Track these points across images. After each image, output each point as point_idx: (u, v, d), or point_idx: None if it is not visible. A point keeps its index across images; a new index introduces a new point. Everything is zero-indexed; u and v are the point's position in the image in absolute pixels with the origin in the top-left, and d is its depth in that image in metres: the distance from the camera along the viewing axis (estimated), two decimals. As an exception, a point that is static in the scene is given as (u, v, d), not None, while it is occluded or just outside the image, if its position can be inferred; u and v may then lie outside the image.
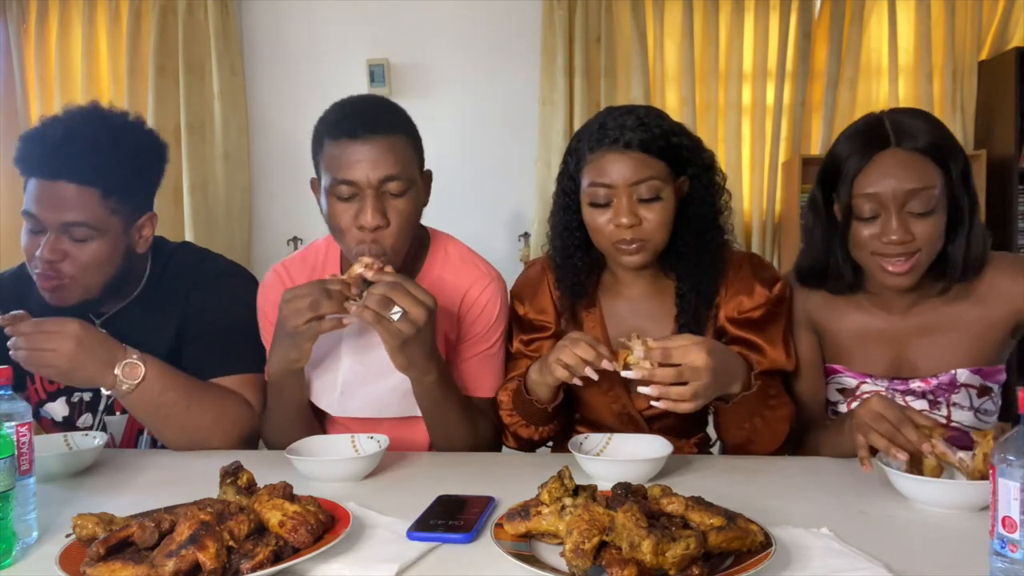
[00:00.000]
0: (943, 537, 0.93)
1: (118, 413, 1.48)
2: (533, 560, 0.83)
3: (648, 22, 3.66)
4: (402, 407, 1.40)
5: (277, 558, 0.83)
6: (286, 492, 0.92)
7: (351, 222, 1.28)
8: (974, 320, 1.32)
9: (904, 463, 1.06)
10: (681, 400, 1.13)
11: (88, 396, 1.49)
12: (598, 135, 1.29)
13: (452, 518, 0.96)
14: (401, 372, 1.27)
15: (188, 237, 3.71)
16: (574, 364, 1.18)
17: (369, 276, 1.22)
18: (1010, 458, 0.75)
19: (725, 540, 0.81)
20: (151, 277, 1.50)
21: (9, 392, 0.97)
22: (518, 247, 3.71)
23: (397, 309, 1.17)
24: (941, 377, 1.33)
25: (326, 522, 0.90)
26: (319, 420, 1.49)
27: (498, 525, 0.91)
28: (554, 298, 1.45)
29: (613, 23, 3.65)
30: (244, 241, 3.85)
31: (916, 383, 1.35)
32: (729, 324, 1.36)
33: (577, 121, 3.59)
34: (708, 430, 1.47)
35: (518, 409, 1.35)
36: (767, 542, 0.83)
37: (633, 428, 1.39)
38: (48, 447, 1.26)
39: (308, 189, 1.40)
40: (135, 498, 1.10)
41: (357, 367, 1.40)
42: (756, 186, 3.69)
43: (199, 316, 1.46)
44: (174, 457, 1.34)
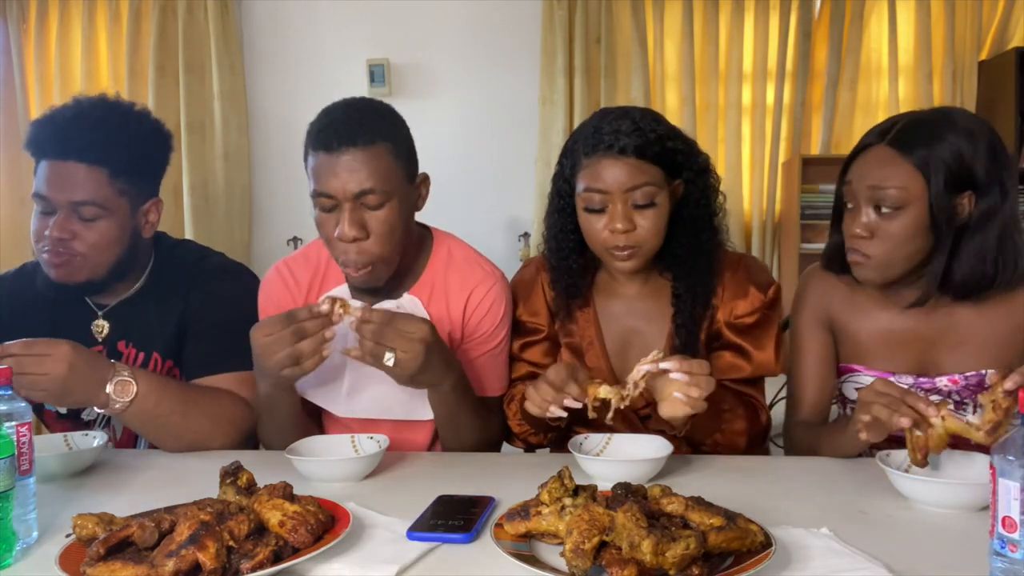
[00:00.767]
0: (943, 537, 0.93)
1: None
2: (533, 560, 0.83)
3: (648, 22, 3.65)
4: (407, 409, 1.40)
5: (277, 558, 0.83)
6: (286, 492, 0.92)
7: (332, 232, 1.28)
8: (1003, 323, 1.29)
9: (904, 456, 1.06)
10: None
11: None
12: (593, 139, 1.28)
13: (452, 518, 0.96)
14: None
15: (188, 237, 3.70)
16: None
17: (350, 327, 1.19)
18: (1010, 458, 0.76)
19: (725, 540, 0.81)
20: (153, 270, 1.51)
21: (9, 392, 0.97)
22: (518, 247, 3.71)
23: (389, 355, 1.16)
24: (969, 376, 1.30)
25: (326, 522, 0.90)
26: (317, 420, 1.49)
27: (498, 525, 0.91)
28: (548, 299, 1.45)
29: (613, 23, 3.64)
30: (244, 241, 3.84)
31: (942, 380, 1.31)
32: (726, 328, 1.37)
33: (577, 121, 3.58)
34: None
35: (527, 420, 1.35)
36: (767, 542, 0.83)
37: (629, 428, 1.39)
38: (48, 447, 1.25)
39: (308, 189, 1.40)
40: (135, 498, 1.10)
41: (363, 367, 1.39)
42: (756, 186, 3.69)
43: (200, 312, 1.47)
44: (174, 457, 1.34)
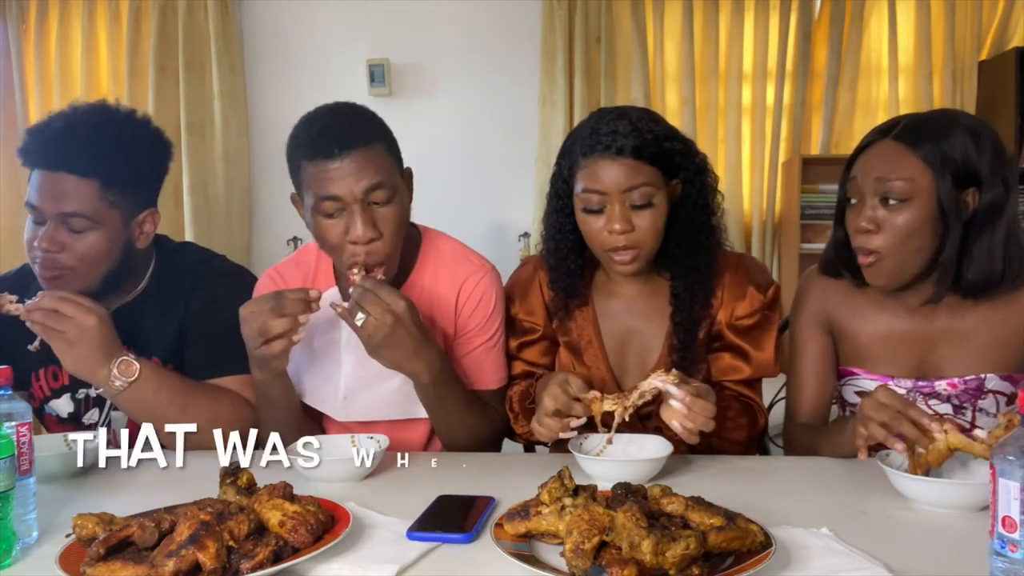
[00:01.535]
0: (943, 537, 0.93)
1: None
2: (533, 560, 0.83)
3: (648, 22, 3.65)
4: (403, 409, 1.40)
5: (277, 558, 0.83)
6: (286, 492, 0.92)
7: (341, 238, 1.27)
8: (1004, 325, 1.28)
9: (904, 456, 1.05)
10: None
11: (95, 392, 1.49)
12: (591, 140, 1.28)
13: (452, 518, 0.96)
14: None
15: (188, 237, 3.70)
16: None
17: (353, 279, 1.23)
18: (1010, 458, 0.75)
19: (725, 540, 0.81)
20: (154, 274, 1.50)
21: (9, 392, 0.97)
22: (518, 247, 3.70)
23: (360, 316, 1.18)
24: (969, 380, 1.29)
25: (326, 522, 0.90)
26: (317, 420, 1.49)
27: (498, 525, 0.91)
28: (545, 298, 1.45)
29: (613, 23, 3.64)
30: (244, 241, 3.84)
31: (942, 384, 1.31)
32: (727, 330, 1.37)
33: (577, 121, 3.51)
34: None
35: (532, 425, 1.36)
36: (767, 542, 0.83)
37: (629, 428, 1.39)
38: (48, 447, 1.25)
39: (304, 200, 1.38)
40: (135, 498, 1.10)
41: (359, 371, 1.39)
42: (756, 186, 3.68)
43: (201, 316, 1.46)
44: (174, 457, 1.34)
